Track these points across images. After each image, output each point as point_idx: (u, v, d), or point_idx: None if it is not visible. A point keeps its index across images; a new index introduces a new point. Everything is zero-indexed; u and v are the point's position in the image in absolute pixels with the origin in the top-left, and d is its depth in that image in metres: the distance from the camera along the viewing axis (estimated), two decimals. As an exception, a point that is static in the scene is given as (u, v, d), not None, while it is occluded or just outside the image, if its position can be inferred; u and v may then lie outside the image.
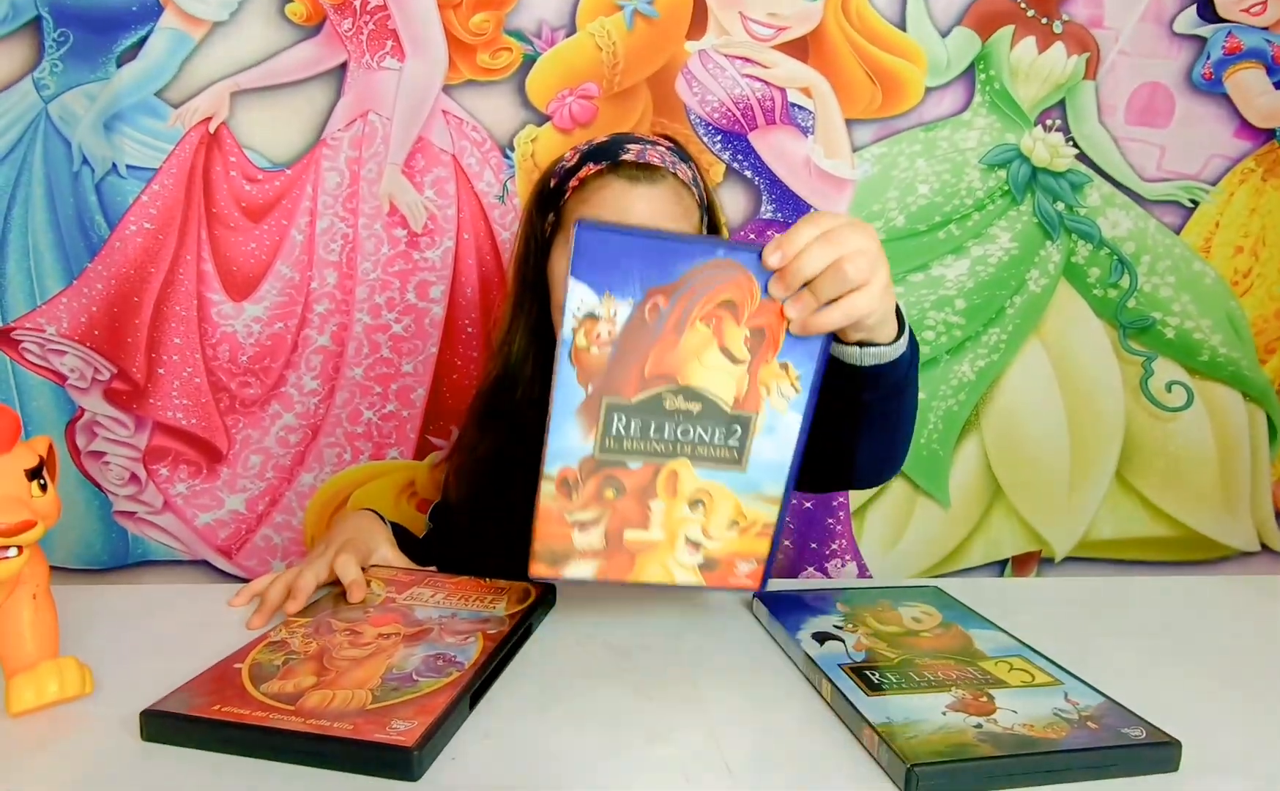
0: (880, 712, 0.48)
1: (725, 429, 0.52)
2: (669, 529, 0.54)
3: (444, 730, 0.45)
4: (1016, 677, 0.53)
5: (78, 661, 0.52)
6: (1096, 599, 0.73)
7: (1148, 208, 1.20)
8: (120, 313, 1.12)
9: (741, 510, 0.54)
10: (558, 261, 0.81)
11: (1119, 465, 1.26)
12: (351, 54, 1.11)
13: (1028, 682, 0.53)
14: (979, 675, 0.53)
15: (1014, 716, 0.48)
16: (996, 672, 0.54)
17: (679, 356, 0.50)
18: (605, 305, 0.49)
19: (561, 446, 0.51)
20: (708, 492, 0.54)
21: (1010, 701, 0.50)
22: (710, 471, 0.53)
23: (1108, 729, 0.47)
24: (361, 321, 1.16)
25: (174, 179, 1.11)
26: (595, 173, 0.78)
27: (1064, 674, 0.54)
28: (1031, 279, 1.22)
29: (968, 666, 0.55)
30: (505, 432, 0.83)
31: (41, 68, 1.08)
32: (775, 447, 0.53)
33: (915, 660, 0.55)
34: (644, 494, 0.53)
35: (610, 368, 0.50)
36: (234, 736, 0.44)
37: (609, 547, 0.53)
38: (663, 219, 0.78)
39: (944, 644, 0.59)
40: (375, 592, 0.65)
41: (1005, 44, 1.16)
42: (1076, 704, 0.50)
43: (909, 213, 1.19)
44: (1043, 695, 0.51)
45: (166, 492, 1.17)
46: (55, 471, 0.51)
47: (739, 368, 0.51)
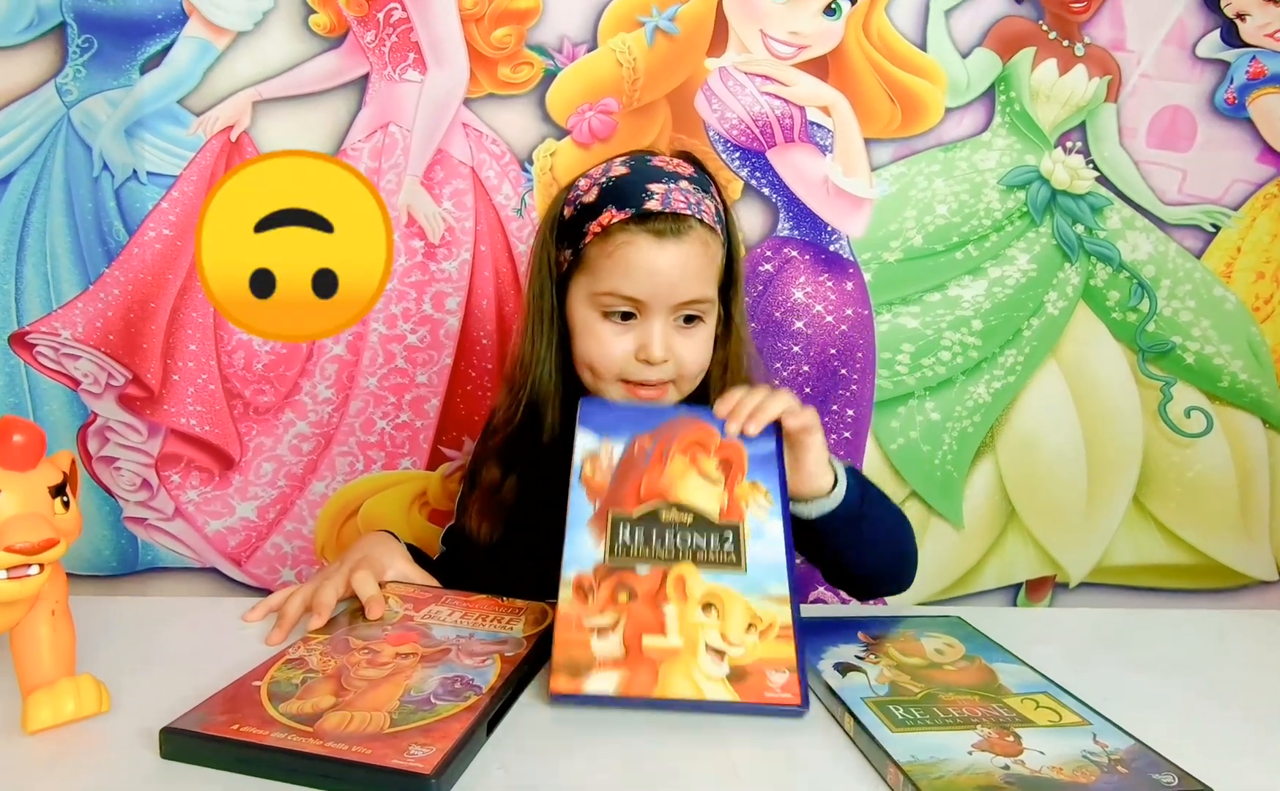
0: (905, 751, 0.47)
1: (719, 536, 0.59)
2: (687, 635, 0.54)
3: (461, 757, 0.44)
4: (1043, 716, 0.52)
5: (94, 679, 0.52)
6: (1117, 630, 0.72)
7: (1168, 231, 1.20)
8: (136, 318, 1.12)
9: (754, 612, 0.55)
10: (577, 305, 0.79)
11: (1136, 490, 1.24)
12: (374, 66, 1.11)
13: (1055, 722, 0.52)
14: (1004, 713, 0.52)
15: (1041, 758, 0.47)
16: (1022, 710, 0.53)
17: (667, 479, 0.62)
18: (604, 446, 0.64)
19: (576, 554, 0.58)
20: (717, 595, 0.56)
21: (1037, 741, 0.49)
22: (714, 574, 0.57)
23: (1137, 773, 0.46)
24: (377, 331, 1.16)
25: (194, 186, 1.11)
26: (619, 223, 0.75)
27: (1091, 713, 0.53)
28: (1049, 301, 1.21)
29: (993, 703, 0.54)
30: (530, 472, 0.81)
31: (65, 73, 1.08)
32: (768, 549, 0.59)
33: (939, 695, 0.55)
34: (656, 598, 0.55)
35: (612, 488, 0.62)
36: (252, 757, 0.44)
37: (629, 656, 0.53)
38: (691, 273, 0.76)
39: (968, 679, 0.58)
40: (393, 610, 0.64)
41: (1026, 65, 1.16)
42: (1105, 746, 0.49)
43: (927, 232, 1.18)
44: (1070, 736, 0.50)
45: (178, 499, 1.17)
46: (77, 487, 0.51)
47: (717, 487, 0.62)
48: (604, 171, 0.80)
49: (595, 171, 0.81)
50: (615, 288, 0.75)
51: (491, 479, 0.83)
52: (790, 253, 1.17)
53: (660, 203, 0.75)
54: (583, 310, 0.78)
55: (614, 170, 0.80)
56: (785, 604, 0.56)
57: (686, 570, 0.57)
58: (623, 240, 0.75)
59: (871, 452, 1.21)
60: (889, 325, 1.19)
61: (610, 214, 0.75)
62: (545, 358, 0.81)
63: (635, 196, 0.76)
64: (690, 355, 0.78)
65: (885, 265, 1.18)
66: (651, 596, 0.55)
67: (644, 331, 0.76)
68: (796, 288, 1.17)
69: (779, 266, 1.17)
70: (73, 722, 0.50)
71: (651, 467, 0.63)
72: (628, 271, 0.74)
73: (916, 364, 1.20)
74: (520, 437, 0.82)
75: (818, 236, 1.17)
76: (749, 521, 0.60)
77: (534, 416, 0.81)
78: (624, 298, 0.75)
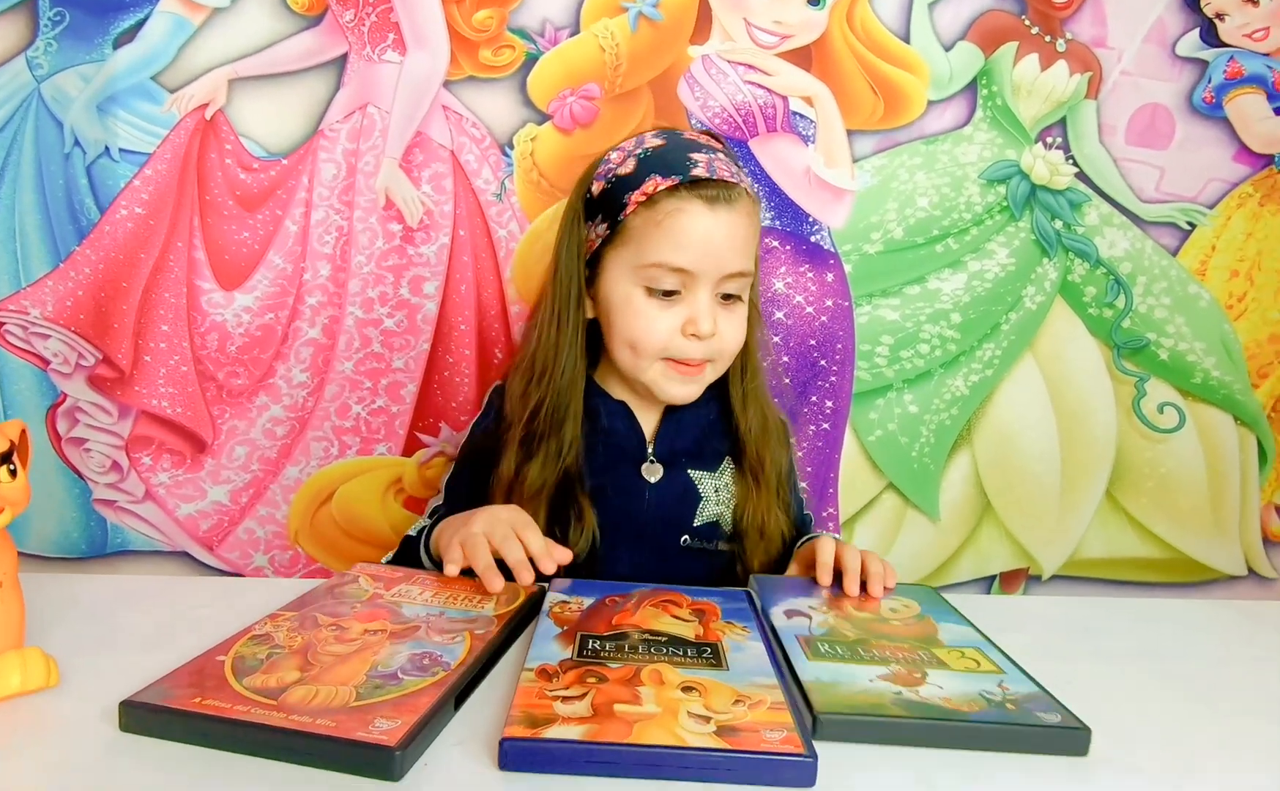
0: (811, 673, 0.50)
1: (695, 648, 0.55)
2: (665, 705, 0.46)
3: (427, 730, 0.44)
4: (962, 664, 0.53)
5: (42, 652, 0.50)
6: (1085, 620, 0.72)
7: (1145, 229, 1.21)
8: (107, 298, 1.10)
9: (741, 693, 0.48)
10: (616, 282, 0.76)
11: (1109, 485, 1.26)
12: (352, 45, 1.10)
13: (970, 669, 0.53)
14: (925, 657, 0.54)
15: (938, 691, 0.49)
16: (944, 657, 0.54)
17: (639, 618, 0.60)
18: (574, 599, 0.63)
19: (540, 652, 0.53)
20: (698, 681, 0.49)
21: (943, 680, 0.50)
22: (693, 670, 0.51)
23: (1024, 711, 0.48)
24: (353, 315, 1.14)
25: (168, 164, 1.09)
26: (668, 189, 0.72)
27: (1012, 666, 0.53)
28: (1027, 296, 1.22)
29: (919, 649, 0.55)
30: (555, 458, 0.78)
31: (36, 46, 1.06)
32: (751, 659, 0.53)
33: (870, 640, 0.56)
34: (629, 683, 0.49)
35: (581, 619, 0.59)
36: (214, 730, 0.43)
37: (598, 716, 0.45)
38: (740, 242, 0.74)
39: (908, 631, 0.59)
40: (362, 588, 0.64)
41: (1008, 60, 1.16)
42: (1007, 690, 0.50)
43: (907, 225, 1.19)
44: (979, 680, 0.51)
45: (148, 482, 1.15)
46: (27, 457, 0.50)
47: (691, 624, 0.59)
48: (637, 144, 0.78)
49: (626, 145, 0.78)
50: (665, 258, 0.72)
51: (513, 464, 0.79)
52: (771, 243, 1.17)
53: (706, 170, 0.73)
54: (623, 286, 0.75)
55: (648, 142, 0.77)
56: (776, 688, 0.49)
57: (662, 666, 0.51)
58: (672, 207, 0.72)
59: (849, 444, 1.21)
60: (869, 317, 1.20)
61: (655, 182, 0.73)
62: (571, 346, 0.78)
63: (680, 164, 0.73)
64: (731, 332, 0.77)
65: (866, 257, 1.19)
66: (624, 681, 0.49)
67: (691, 304, 0.74)
68: (777, 278, 1.17)
69: (760, 257, 1.17)
70: (19, 696, 0.49)
71: (624, 611, 0.60)
72: (679, 240, 0.72)
73: (895, 356, 1.21)
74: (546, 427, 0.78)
75: (799, 227, 1.17)
76: (727, 641, 0.56)
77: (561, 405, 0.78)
78: (674, 269, 0.73)
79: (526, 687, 0.48)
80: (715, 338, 0.75)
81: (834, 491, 1.23)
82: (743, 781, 0.42)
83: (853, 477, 1.22)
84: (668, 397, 0.79)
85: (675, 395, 0.78)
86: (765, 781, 0.42)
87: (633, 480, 0.81)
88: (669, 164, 0.73)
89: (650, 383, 0.78)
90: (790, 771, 0.42)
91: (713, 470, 0.83)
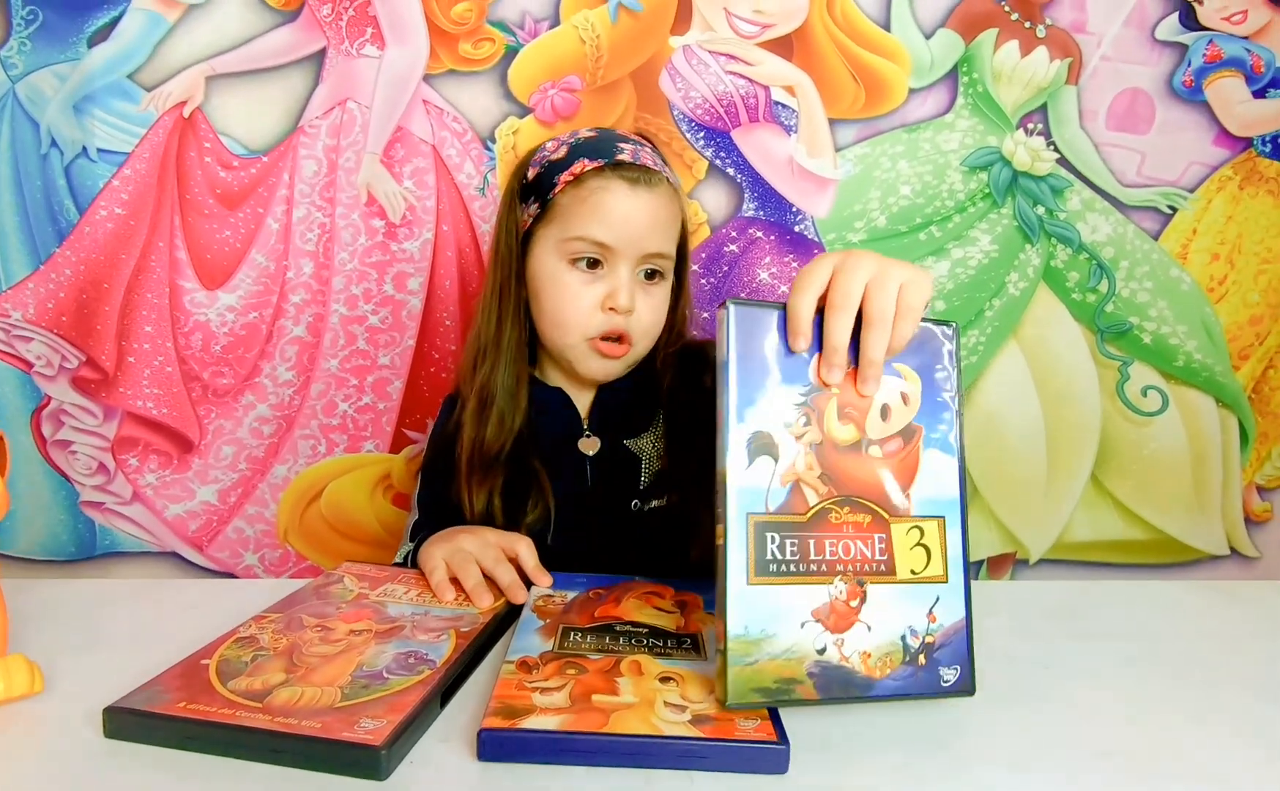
0: (743, 614, 0.46)
1: (676, 640, 0.56)
2: (642, 696, 0.48)
3: (414, 729, 0.44)
4: (914, 558, 0.50)
5: (26, 659, 0.50)
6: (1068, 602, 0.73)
7: (1127, 213, 1.21)
8: (89, 299, 1.10)
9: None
10: (544, 257, 0.80)
11: (1094, 468, 1.27)
12: (331, 40, 1.09)
13: (915, 573, 0.50)
14: (878, 554, 0.49)
15: (863, 639, 0.48)
16: (898, 546, 0.50)
17: (622, 609, 0.61)
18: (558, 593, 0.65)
19: (522, 645, 0.54)
20: (677, 671, 0.51)
21: (875, 609, 0.49)
22: (673, 661, 0.52)
23: (930, 668, 0.49)
24: (338, 312, 1.14)
25: (146, 164, 1.08)
26: (594, 170, 0.78)
27: (958, 572, 0.51)
28: (1011, 282, 1.22)
29: (876, 532, 0.50)
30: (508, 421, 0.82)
31: (9, 46, 1.05)
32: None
33: (831, 513, 0.49)
34: (609, 674, 0.50)
35: (564, 612, 0.60)
36: (200, 734, 0.43)
37: (575, 707, 0.46)
38: (660, 224, 0.79)
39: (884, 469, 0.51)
40: (347, 588, 0.64)
41: (989, 47, 1.17)
42: (933, 621, 0.50)
43: (890, 213, 1.19)
44: (913, 598, 0.50)
45: (136, 483, 1.15)
46: (5, 464, 0.50)
47: (673, 615, 0.60)
48: (571, 135, 0.83)
49: (561, 136, 0.84)
50: (588, 232, 0.77)
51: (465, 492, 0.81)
52: (755, 233, 1.17)
53: (631, 157, 0.79)
54: (549, 261, 0.80)
55: (581, 134, 0.83)
56: None
57: (642, 657, 0.52)
58: (597, 185, 0.77)
59: (837, 432, 1.22)
60: (854, 305, 1.20)
61: (583, 164, 0.78)
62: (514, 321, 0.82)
63: (607, 150, 0.79)
64: (648, 313, 0.81)
65: (850, 246, 1.19)
66: (603, 672, 0.50)
67: (611, 279, 0.78)
68: (762, 268, 1.18)
69: (744, 247, 1.17)
70: (3, 704, 0.49)
71: (607, 603, 0.62)
72: (601, 216, 0.77)
73: (881, 344, 1.21)
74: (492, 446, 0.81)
75: (783, 217, 1.17)
76: (708, 631, 0.57)
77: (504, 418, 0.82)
78: (595, 243, 0.77)
79: (506, 680, 0.48)
80: (635, 315, 0.79)
81: (821, 479, 1.24)
82: (717, 768, 0.43)
83: (840, 465, 1.23)
84: (589, 374, 0.83)
85: (596, 372, 0.82)
86: (739, 768, 0.43)
87: (573, 456, 0.84)
88: (598, 150, 0.79)
89: (574, 360, 0.82)
90: (763, 758, 0.43)
91: (648, 429, 0.85)
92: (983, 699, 0.51)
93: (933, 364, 0.52)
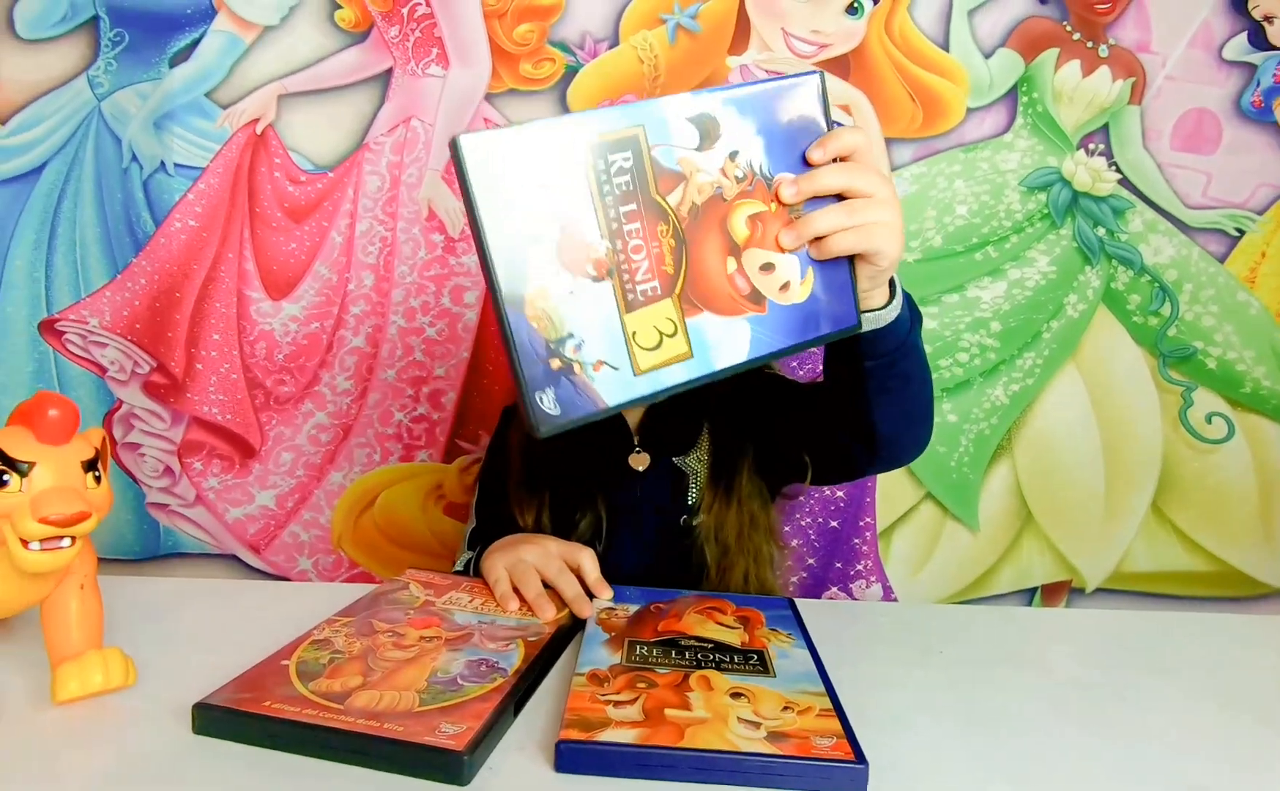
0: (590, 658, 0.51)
1: (742, 656, 0.56)
2: (715, 711, 0.48)
3: (491, 735, 0.45)
4: (642, 327, 0.46)
5: (121, 652, 0.52)
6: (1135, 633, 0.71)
7: (1192, 235, 1.19)
8: (162, 308, 1.14)
9: (788, 700, 0.49)
10: None
11: (1155, 496, 1.23)
12: (397, 60, 1.12)
13: (634, 336, 0.46)
14: (637, 288, 0.46)
15: (561, 296, 0.44)
16: (652, 313, 0.46)
17: (684, 624, 0.61)
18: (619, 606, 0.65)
19: (590, 657, 0.55)
20: (747, 687, 0.51)
21: (589, 296, 0.45)
22: (741, 677, 0.52)
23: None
24: (396, 324, 1.17)
25: (220, 178, 1.12)
26: None
27: (649, 381, 0.47)
28: (1069, 304, 1.20)
29: (657, 280, 0.46)
30: (555, 491, 0.83)
31: (96, 66, 1.10)
32: (798, 665, 0.55)
33: (663, 224, 0.46)
34: (679, 688, 0.50)
35: (628, 626, 0.61)
36: (285, 733, 0.44)
37: (649, 720, 0.46)
38: None
39: (716, 284, 0.47)
40: (414, 595, 0.65)
41: (1050, 67, 1.15)
42: (597, 369, 0.45)
43: (946, 233, 1.18)
44: (610, 334, 0.45)
45: (199, 486, 1.18)
46: (108, 463, 0.52)
47: (736, 631, 0.60)
48: None
49: None
50: None
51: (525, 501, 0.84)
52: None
53: None
54: None
55: None
56: (824, 695, 0.50)
57: (710, 673, 0.52)
58: None
59: (888, 453, 1.21)
60: (907, 325, 1.19)
61: None
62: None
63: None
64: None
65: (904, 265, 1.18)
66: (673, 685, 0.50)
67: None
68: (815, 286, 1.17)
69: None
70: (100, 694, 0.51)
71: (667, 619, 0.62)
72: None
73: (934, 365, 1.20)
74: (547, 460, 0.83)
75: (837, 235, 1.17)
76: (773, 648, 0.57)
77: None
78: None
79: (579, 692, 0.49)
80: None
81: (871, 500, 1.23)
82: (793, 787, 0.43)
83: (890, 487, 1.22)
84: None
85: None
86: (817, 787, 0.43)
87: (623, 471, 0.84)
88: None
89: None
90: (842, 778, 0.43)
91: (696, 445, 0.85)
92: (1063, 728, 0.50)
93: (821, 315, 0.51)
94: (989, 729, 0.51)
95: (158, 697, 0.51)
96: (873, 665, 0.60)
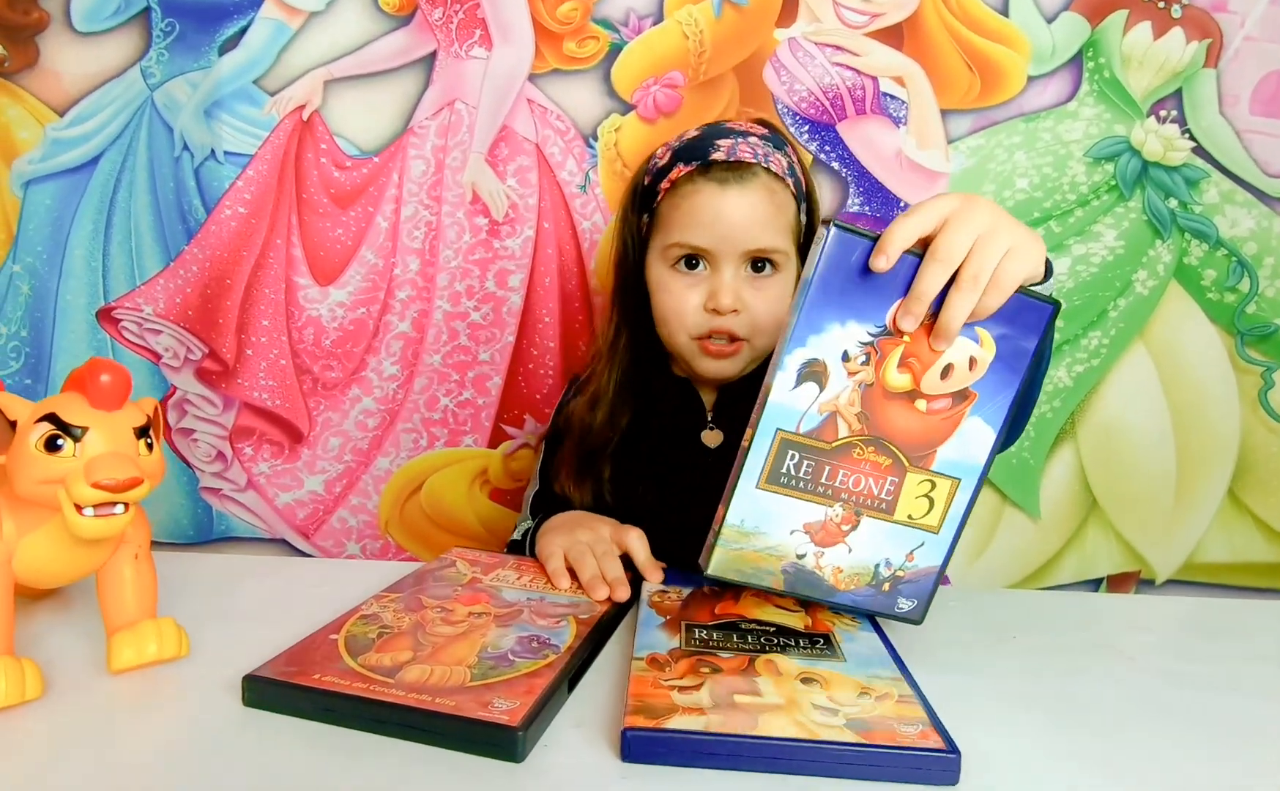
0: (742, 508, 0.51)
1: (808, 639, 0.54)
2: (787, 696, 0.45)
3: (545, 712, 0.43)
4: (914, 507, 0.52)
5: (175, 623, 0.52)
6: (1219, 620, 0.67)
7: (1272, 206, 1.12)
8: (213, 294, 1.15)
9: (863, 685, 0.47)
10: (653, 265, 0.82)
11: (1231, 483, 1.17)
12: (440, 43, 1.12)
13: (910, 519, 0.53)
14: (887, 492, 0.52)
15: (841, 557, 0.53)
16: (906, 492, 0.52)
17: (742, 606, 0.59)
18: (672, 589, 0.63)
19: (647, 641, 0.53)
20: (817, 672, 0.48)
21: (861, 538, 0.53)
22: (810, 661, 0.50)
23: (890, 593, 0.54)
24: (441, 308, 1.16)
25: (268, 165, 1.13)
26: (685, 175, 0.78)
27: (951, 531, 0.53)
28: (1139, 280, 1.14)
29: (889, 476, 0.51)
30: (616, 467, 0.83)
31: (149, 57, 1.12)
32: (867, 647, 0.53)
33: (855, 449, 0.50)
34: (745, 672, 0.48)
35: (681, 610, 0.59)
36: (336, 706, 0.44)
37: (719, 707, 0.43)
38: (759, 218, 0.77)
39: (915, 439, 0.51)
40: (460, 572, 0.64)
41: (1117, 30, 1.09)
42: (910, 559, 0.53)
43: (1006, 207, 1.12)
44: (900, 538, 0.53)
45: (250, 471, 1.20)
46: (160, 432, 0.52)
47: (798, 613, 0.58)
48: (679, 138, 0.84)
49: (672, 140, 0.84)
50: (682, 237, 0.78)
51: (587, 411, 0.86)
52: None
53: (725, 154, 0.78)
54: (657, 268, 0.81)
55: (688, 135, 0.83)
56: (901, 680, 0.48)
57: (776, 656, 0.50)
58: (689, 190, 0.78)
59: (944, 437, 1.16)
60: (964, 304, 1.14)
61: (679, 169, 0.79)
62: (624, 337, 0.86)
63: (702, 151, 0.79)
64: (762, 306, 0.79)
65: (961, 242, 1.13)
66: (738, 670, 0.48)
67: (714, 279, 0.78)
68: (867, 265, 1.14)
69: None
70: (155, 664, 0.50)
71: (724, 602, 0.59)
72: (693, 219, 0.77)
73: (993, 345, 1.15)
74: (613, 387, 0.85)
75: (890, 212, 1.13)
76: (839, 631, 0.54)
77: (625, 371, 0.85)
78: (689, 247, 0.78)
79: (640, 676, 0.47)
80: (744, 314, 0.78)
81: (926, 487, 1.18)
82: (882, 778, 0.40)
83: (947, 473, 1.17)
84: (705, 374, 0.83)
85: (710, 372, 0.82)
86: (907, 778, 0.40)
87: (694, 446, 0.84)
88: (693, 151, 0.79)
89: (688, 359, 0.82)
90: (934, 768, 0.40)
91: None
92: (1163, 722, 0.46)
93: (1015, 338, 0.50)
94: (1081, 720, 0.47)
95: (209, 669, 0.51)
96: (943, 650, 0.57)
